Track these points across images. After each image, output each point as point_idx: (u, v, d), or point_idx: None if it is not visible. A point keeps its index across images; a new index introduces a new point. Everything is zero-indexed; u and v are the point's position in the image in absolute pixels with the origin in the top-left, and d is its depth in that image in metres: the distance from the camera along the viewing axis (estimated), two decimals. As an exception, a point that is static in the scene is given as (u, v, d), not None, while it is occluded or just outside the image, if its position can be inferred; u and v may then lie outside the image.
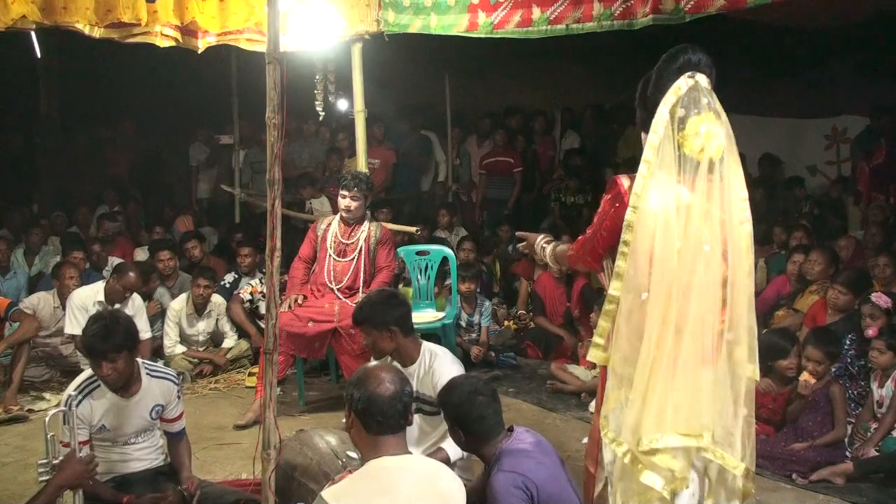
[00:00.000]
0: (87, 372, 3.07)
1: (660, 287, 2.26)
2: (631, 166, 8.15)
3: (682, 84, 2.30)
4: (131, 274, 5.30)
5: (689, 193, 2.28)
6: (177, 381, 3.27)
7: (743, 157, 8.00)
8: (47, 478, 2.66)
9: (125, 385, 3.02)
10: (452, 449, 3.12)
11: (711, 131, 2.27)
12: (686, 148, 2.28)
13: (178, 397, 3.24)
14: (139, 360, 3.15)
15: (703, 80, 2.32)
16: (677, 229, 2.27)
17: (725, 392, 2.31)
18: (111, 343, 2.91)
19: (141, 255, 6.90)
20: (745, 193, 2.35)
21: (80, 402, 2.93)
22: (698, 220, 2.27)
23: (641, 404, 2.27)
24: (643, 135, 2.42)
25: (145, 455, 3.13)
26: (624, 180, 2.44)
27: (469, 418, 2.72)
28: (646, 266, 2.27)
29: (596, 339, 2.42)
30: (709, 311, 2.27)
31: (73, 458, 2.64)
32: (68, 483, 2.63)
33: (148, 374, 3.16)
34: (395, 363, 3.35)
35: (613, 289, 2.36)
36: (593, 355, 2.43)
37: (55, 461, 2.68)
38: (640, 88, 2.50)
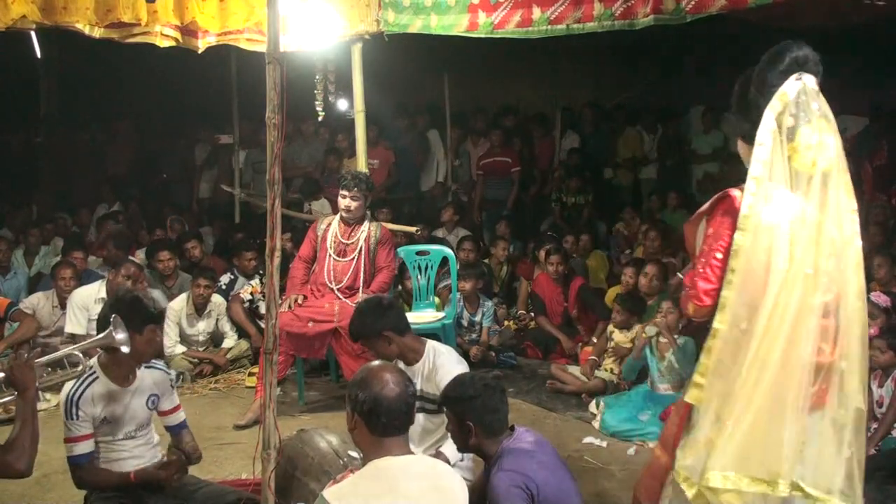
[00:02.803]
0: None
1: (759, 315, 2.09)
2: (631, 166, 8.15)
3: (790, 88, 2.12)
4: (131, 266, 5.31)
5: (802, 208, 2.10)
6: (168, 371, 3.30)
7: (743, 157, 7.78)
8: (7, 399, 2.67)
9: (123, 375, 3.04)
10: (452, 452, 3.12)
11: (824, 141, 2.09)
12: (796, 161, 2.10)
13: (172, 387, 3.26)
14: None
15: (810, 81, 2.15)
16: (786, 251, 2.09)
17: (827, 431, 2.12)
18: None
19: (141, 255, 6.89)
20: (854, 204, 2.15)
21: (81, 394, 2.95)
22: (807, 240, 2.09)
23: (724, 441, 2.11)
24: (741, 144, 2.27)
25: (143, 452, 3.13)
26: (736, 193, 2.20)
27: (485, 410, 2.72)
28: (748, 293, 2.11)
29: (697, 378, 2.20)
30: (806, 347, 2.08)
31: (21, 368, 2.61)
32: (34, 389, 2.63)
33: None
34: (401, 363, 3.36)
35: (718, 322, 2.15)
36: (692, 395, 2.19)
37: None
38: (738, 92, 2.28)
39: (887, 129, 6.90)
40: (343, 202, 4.87)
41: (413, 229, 6.21)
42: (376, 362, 2.44)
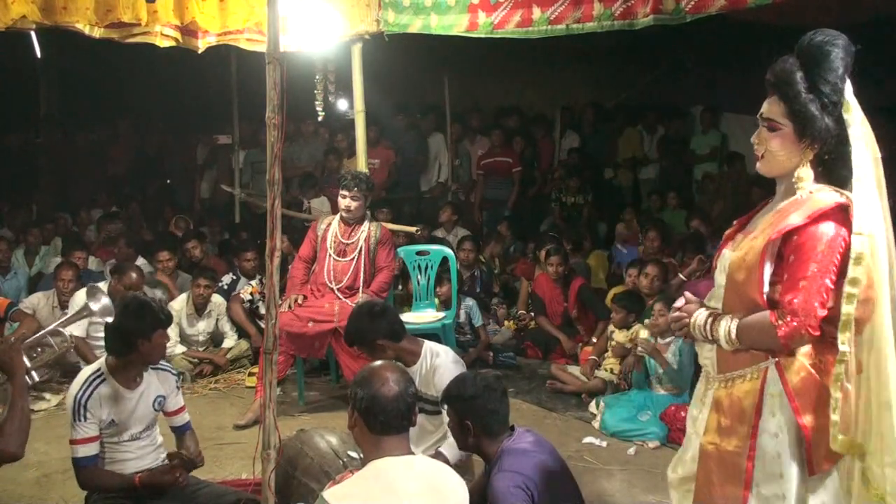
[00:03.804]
0: (91, 367, 3.10)
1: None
2: (631, 166, 8.12)
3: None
4: (132, 274, 5.30)
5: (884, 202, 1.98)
6: (174, 371, 3.31)
7: (743, 157, 8.02)
8: None
9: (130, 377, 3.07)
10: (451, 452, 3.12)
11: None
12: (872, 150, 1.99)
13: (178, 388, 3.28)
14: None
15: None
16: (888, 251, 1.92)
17: None
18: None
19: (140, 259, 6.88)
20: None
21: (89, 395, 2.96)
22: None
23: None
24: (785, 135, 2.02)
25: (148, 453, 3.15)
26: (842, 200, 1.94)
27: (483, 411, 2.72)
28: (889, 307, 1.90)
29: (834, 416, 1.93)
30: None
31: (7, 351, 2.61)
32: (23, 371, 2.63)
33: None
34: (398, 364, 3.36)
35: (842, 342, 1.91)
36: (834, 439, 1.92)
37: None
38: (802, 70, 1.99)
39: (886, 129, 6.89)
40: (343, 202, 4.88)
41: (413, 229, 6.21)
42: (379, 362, 2.45)
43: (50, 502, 3.72)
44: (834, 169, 2.01)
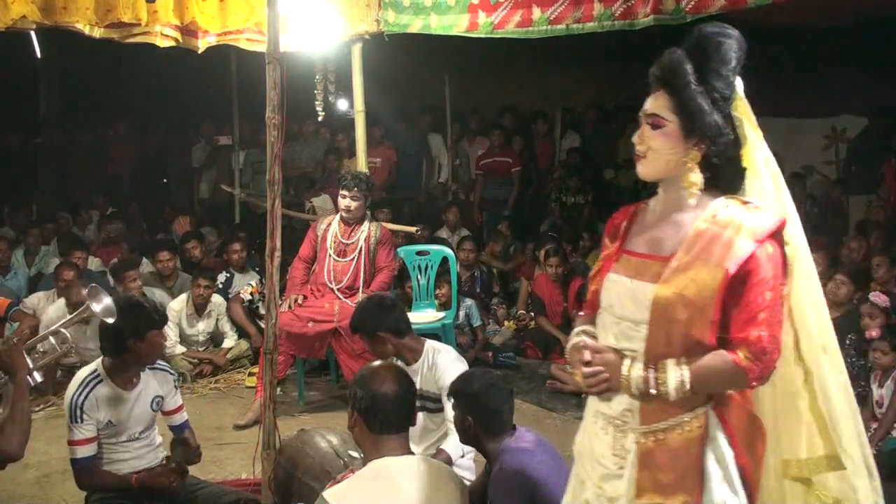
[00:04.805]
0: (87, 369, 3.10)
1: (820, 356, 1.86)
2: (631, 166, 8.13)
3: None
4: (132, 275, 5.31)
5: None
6: (172, 371, 3.31)
7: (742, 157, 7.75)
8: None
9: (128, 378, 3.07)
10: (453, 449, 3.13)
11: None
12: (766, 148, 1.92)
13: (176, 388, 3.27)
14: None
15: None
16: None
17: None
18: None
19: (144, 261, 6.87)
20: None
21: (85, 397, 2.96)
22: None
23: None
24: (674, 132, 1.81)
25: (145, 453, 3.15)
26: (770, 216, 1.79)
27: (486, 410, 2.71)
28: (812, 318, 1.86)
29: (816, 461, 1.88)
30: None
31: (9, 351, 2.60)
32: (24, 371, 2.62)
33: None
34: (400, 362, 3.36)
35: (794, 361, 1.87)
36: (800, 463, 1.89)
37: None
38: (701, 74, 1.82)
39: (885, 130, 6.89)
40: (343, 202, 4.88)
41: (413, 229, 6.21)
42: (378, 362, 2.45)
43: (50, 502, 3.73)
44: (723, 174, 1.83)
